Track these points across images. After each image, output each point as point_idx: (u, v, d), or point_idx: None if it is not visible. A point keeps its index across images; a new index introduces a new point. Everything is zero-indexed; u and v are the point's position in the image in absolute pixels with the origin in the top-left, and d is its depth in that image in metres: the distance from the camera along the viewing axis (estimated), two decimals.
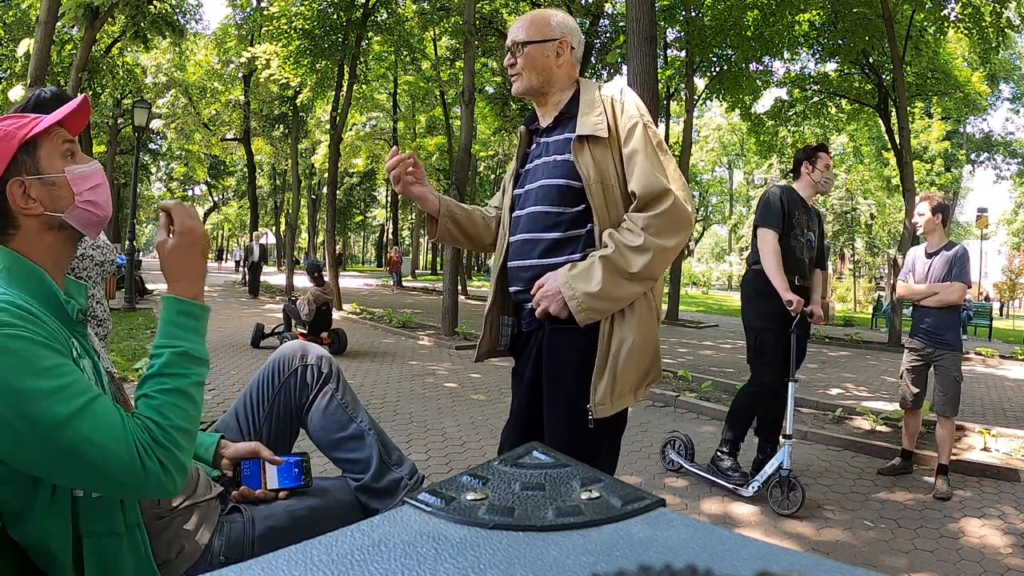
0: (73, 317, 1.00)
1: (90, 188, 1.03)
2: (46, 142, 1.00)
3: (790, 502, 3.11)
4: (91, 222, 1.04)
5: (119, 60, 18.18)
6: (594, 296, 1.46)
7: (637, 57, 6.31)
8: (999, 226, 37.56)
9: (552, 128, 1.67)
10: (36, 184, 0.98)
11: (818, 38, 14.08)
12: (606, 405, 1.50)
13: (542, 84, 1.65)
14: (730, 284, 45.56)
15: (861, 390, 6.83)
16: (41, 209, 0.98)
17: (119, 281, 13.15)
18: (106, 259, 2.80)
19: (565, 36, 1.65)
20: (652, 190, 1.48)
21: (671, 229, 1.49)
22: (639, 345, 1.52)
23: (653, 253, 1.46)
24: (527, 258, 1.63)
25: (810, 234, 3.48)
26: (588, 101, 1.61)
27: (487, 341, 1.80)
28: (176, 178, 39.95)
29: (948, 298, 3.56)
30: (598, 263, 1.47)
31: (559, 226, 1.58)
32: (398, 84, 22.93)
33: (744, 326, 3.56)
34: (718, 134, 40.09)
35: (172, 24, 13.13)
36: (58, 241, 1.02)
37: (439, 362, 7.51)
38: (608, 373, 1.50)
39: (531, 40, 1.63)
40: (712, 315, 18.00)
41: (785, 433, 3.20)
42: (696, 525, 0.47)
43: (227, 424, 1.47)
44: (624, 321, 1.52)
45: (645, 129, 1.54)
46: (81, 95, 1.11)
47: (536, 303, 1.55)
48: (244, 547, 1.18)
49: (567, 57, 1.66)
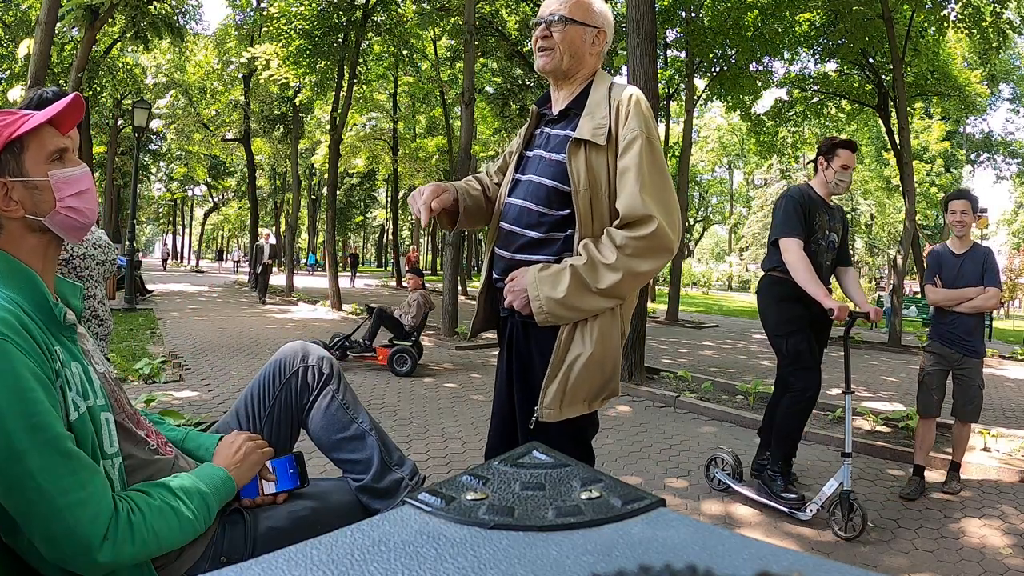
0: (61, 321, 0.99)
1: (74, 194, 1.01)
2: (33, 143, 0.98)
3: (852, 525, 2.83)
4: (72, 228, 1.03)
5: (119, 61, 18.18)
6: (556, 302, 1.45)
7: (637, 57, 6.32)
8: (999, 226, 37.56)
9: (558, 120, 1.64)
10: (19, 186, 0.96)
11: (818, 38, 14.08)
12: (553, 411, 1.49)
13: (571, 67, 1.60)
14: (730, 284, 45.55)
15: (861, 390, 6.83)
16: (22, 212, 0.96)
17: (119, 281, 13.18)
18: (108, 259, 2.80)
19: (604, 27, 1.62)
20: (634, 213, 1.45)
21: (648, 254, 1.46)
22: (597, 358, 1.48)
23: (623, 273, 1.44)
24: (506, 249, 1.64)
25: (832, 235, 3.25)
26: (596, 100, 1.57)
27: (480, 319, 1.80)
28: (176, 178, 39.97)
29: (986, 304, 3.43)
30: (567, 271, 1.46)
31: (541, 226, 1.57)
32: (398, 84, 22.92)
33: (770, 335, 3.30)
34: (718, 134, 40.09)
35: (171, 25, 13.14)
36: (41, 243, 1.00)
37: (439, 362, 7.52)
38: (560, 379, 1.48)
39: (574, 18, 1.57)
40: (712, 315, 18.00)
41: (845, 451, 2.92)
42: (696, 525, 0.47)
43: (227, 425, 1.47)
44: (585, 331, 1.49)
45: (644, 145, 1.48)
46: (72, 93, 1.09)
47: (505, 294, 1.56)
48: (244, 548, 1.18)
49: (601, 48, 1.63)
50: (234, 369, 6.31)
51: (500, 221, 1.68)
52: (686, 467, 3.86)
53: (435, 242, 37.53)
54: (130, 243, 11.85)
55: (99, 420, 0.97)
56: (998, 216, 37.08)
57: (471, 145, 10.84)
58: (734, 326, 14.71)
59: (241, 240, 55.64)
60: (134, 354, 6.61)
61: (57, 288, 1.06)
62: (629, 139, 1.49)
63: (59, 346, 0.97)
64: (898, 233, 20.97)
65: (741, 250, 44.77)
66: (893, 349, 10.85)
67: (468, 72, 9.87)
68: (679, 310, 14.68)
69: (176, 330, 9.17)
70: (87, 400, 0.96)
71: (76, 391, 0.95)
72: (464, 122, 9.79)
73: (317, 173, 29.24)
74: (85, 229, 1.06)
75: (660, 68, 13.35)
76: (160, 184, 42.43)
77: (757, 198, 41.77)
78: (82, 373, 0.98)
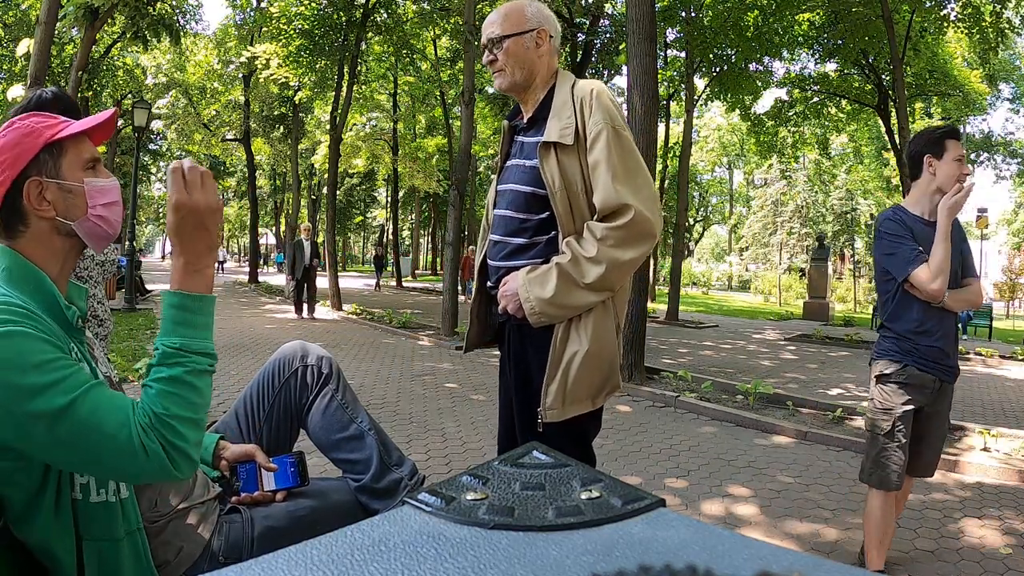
0: (73, 323, 1.00)
1: (105, 204, 1.03)
2: (71, 148, 1.00)
3: None
4: (99, 236, 1.04)
5: (119, 61, 18.19)
6: (547, 302, 1.48)
7: (637, 57, 6.32)
8: (999, 226, 37.59)
9: (528, 128, 1.67)
10: (53, 187, 0.97)
11: (818, 38, 14.09)
12: (556, 410, 1.50)
13: (526, 77, 1.63)
14: (730, 284, 45.55)
15: (861, 390, 6.83)
16: (53, 213, 0.98)
17: (119, 281, 13.19)
18: (107, 259, 2.80)
19: (542, 25, 1.63)
20: (610, 205, 1.47)
21: (629, 242, 1.47)
22: (594, 352, 1.50)
23: (607, 265, 1.46)
24: (495, 259, 1.67)
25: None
26: (561, 102, 1.59)
27: (473, 333, 1.83)
28: None
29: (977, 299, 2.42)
30: (554, 270, 1.49)
31: (525, 232, 1.60)
32: (398, 84, 22.93)
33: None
34: (718, 134, 40.10)
35: (170, 27, 13.14)
36: (65, 247, 1.02)
37: (439, 362, 7.52)
38: (560, 378, 1.50)
39: (508, 33, 1.60)
40: (712, 315, 18.00)
41: None
42: (696, 525, 0.47)
43: (227, 425, 1.47)
44: (579, 328, 1.51)
45: (611, 136, 1.50)
46: (111, 109, 1.10)
47: (499, 299, 1.60)
48: (243, 547, 1.18)
49: (547, 47, 1.64)
50: (234, 369, 6.31)
51: (490, 233, 1.72)
52: (686, 467, 3.86)
53: (435, 242, 37.56)
54: (130, 243, 11.86)
55: None
56: (998, 216, 37.11)
57: (471, 145, 10.85)
58: (734, 326, 14.71)
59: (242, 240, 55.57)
60: (134, 354, 6.61)
61: (67, 292, 1.07)
62: (595, 133, 1.51)
63: (73, 343, 0.98)
64: None
65: (741, 250, 44.73)
66: None
67: (468, 72, 9.87)
68: (679, 310, 14.67)
69: None
70: None
71: None
72: (464, 122, 9.78)
73: (317, 173, 29.24)
74: (109, 239, 1.07)
75: (660, 68, 13.34)
76: (160, 184, 42.39)
77: (757, 198, 41.77)
78: (90, 374, 0.99)
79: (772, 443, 4.46)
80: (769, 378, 7.01)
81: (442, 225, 31.42)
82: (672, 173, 23.85)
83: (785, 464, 3.97)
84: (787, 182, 38.08)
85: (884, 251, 2.32)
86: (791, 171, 36.29)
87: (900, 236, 2.27)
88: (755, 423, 4.88)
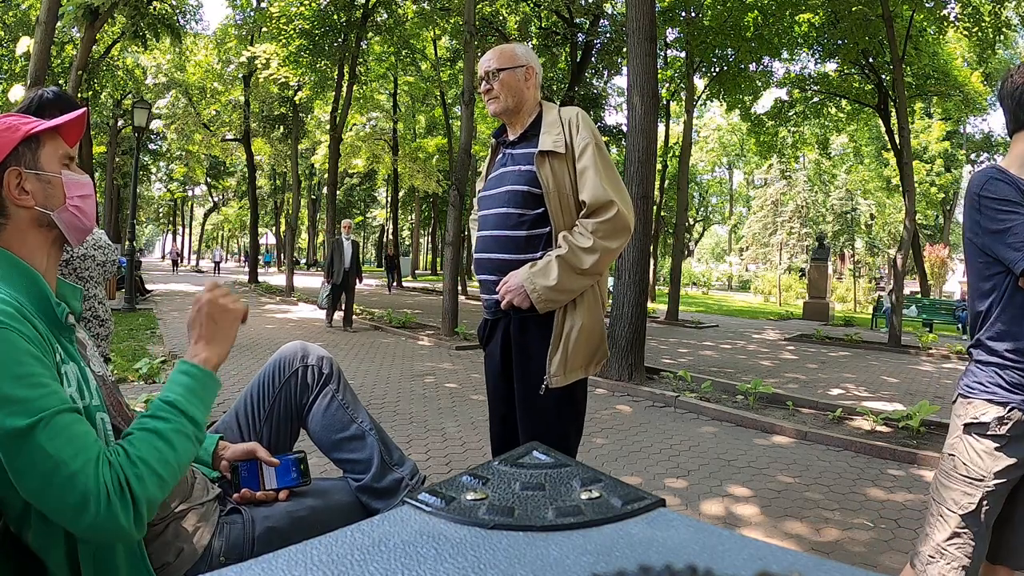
0: (62, 321, 1.00)
1: (81, 196, 1.07)
2: (49, 143, 1.03)
3: None
4: (76, 227, 1.07)
5: (119, 61, 18.19)
6: (551, 289, 1.74)
7: (637, 57, 6.32)
8: None
9: (517, 142, 1.96)
10: (32, 178, 1.00)
11: (818, 38, 14.09)
12: (560, 377, 1.78)
13: (516, 104, 1.94)
14: (730, 284, 45.57)
15: (861, 390, 6.83)
16: (33, 203, 1.00)
17: (119, 281, 13.19)
18: (108, 259, 2.79)
19: (530, 63, 1.96)
20: (599, 200, 1.77)
21: (614, 233, 1.77)
22: (587, 327, 1.81)
23: (600, 253, 1.75)
24: (493, 252, 1.91)
25: None
26: (550, 122, 1.90)
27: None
28: (176, 178, 39.97)
29: None
30: (555, 261, 1.74)
31: (523, 225, 1.86)
32: (398, 84, 22.93)
33: None
34: (718, 134, 40.12)
35: (171, 26, 13.14)
36: (47, 240, 1.03)
37: (439, 362, 7.52)
38: (561, 351, 1.79)
39: (503, 67, 1.93)
40: (712, 315, 18.00)
41: None
42: (696, 525, 0.47)
43: (227, 425, 1.47)
44: (576, 309, 1.80)
45: (595, 150, 1.82)
46: (81, 109, 1.13)
47: (502, 296, 1.82)
48: (244, 548, 1.18)
49: (533, 81, 1.98)
50: (234, 369, 6.32)
51: (479, 231, 1.98)
52: (686, 467, 3.86)
53: (435, 242, 37.56)
54: (130, 243, 11.86)
55: (95, 419, 0.98)
56: None
57: (471, 145, 10.84)
58: (734, 326, 14.72)
59: (242, 240, 55.58)
60: (134, 354, 6.61)
61: (58, 289, 1.07)
62: (583, 146, 1.83)
63: (59, 344, 0.98)
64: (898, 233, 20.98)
65: (741, 250, 44.74)
66: (893, 349, 10.87)
67: (468, 72, 9.86)
68: (679, 310, 14.68)
69: (176, 330, 9.17)
70: (83, 400, 0.97)
71: (74, 389, 0.95)
72: (464, 122, 9.78)
73: (317, 173, 29.27)
74: (86, 232, 1.09)
75: (660, 68, 13.35)
76: (160, 184, 42.44)
77: (757, 198, 41.78)
78: (79, 373, 0.99)
79: (772, 443, 4.47)
80: (769, 378, 7.01)
81: (442, 225, 31.41)
82: (672, 173, 23.85)
83: (785, 464, 3.97)
84: (787, 182, 38.10)
85: (989, 226, 1.48)
86: (791, 171, 36.31)
87: (1015, 204, 1.45)
88: (755, 423, 4.88)
